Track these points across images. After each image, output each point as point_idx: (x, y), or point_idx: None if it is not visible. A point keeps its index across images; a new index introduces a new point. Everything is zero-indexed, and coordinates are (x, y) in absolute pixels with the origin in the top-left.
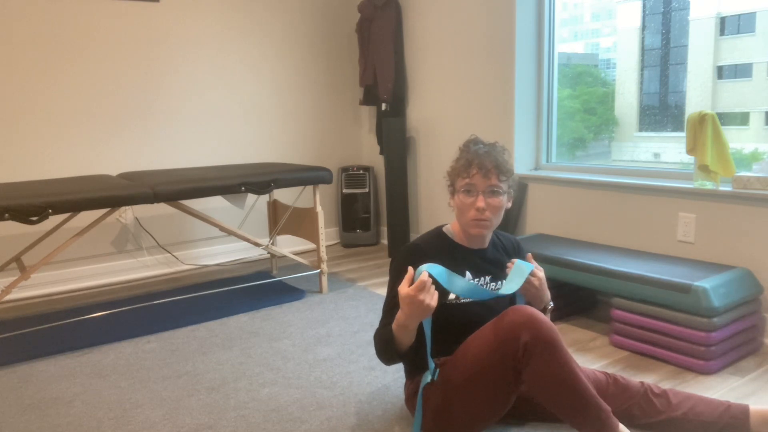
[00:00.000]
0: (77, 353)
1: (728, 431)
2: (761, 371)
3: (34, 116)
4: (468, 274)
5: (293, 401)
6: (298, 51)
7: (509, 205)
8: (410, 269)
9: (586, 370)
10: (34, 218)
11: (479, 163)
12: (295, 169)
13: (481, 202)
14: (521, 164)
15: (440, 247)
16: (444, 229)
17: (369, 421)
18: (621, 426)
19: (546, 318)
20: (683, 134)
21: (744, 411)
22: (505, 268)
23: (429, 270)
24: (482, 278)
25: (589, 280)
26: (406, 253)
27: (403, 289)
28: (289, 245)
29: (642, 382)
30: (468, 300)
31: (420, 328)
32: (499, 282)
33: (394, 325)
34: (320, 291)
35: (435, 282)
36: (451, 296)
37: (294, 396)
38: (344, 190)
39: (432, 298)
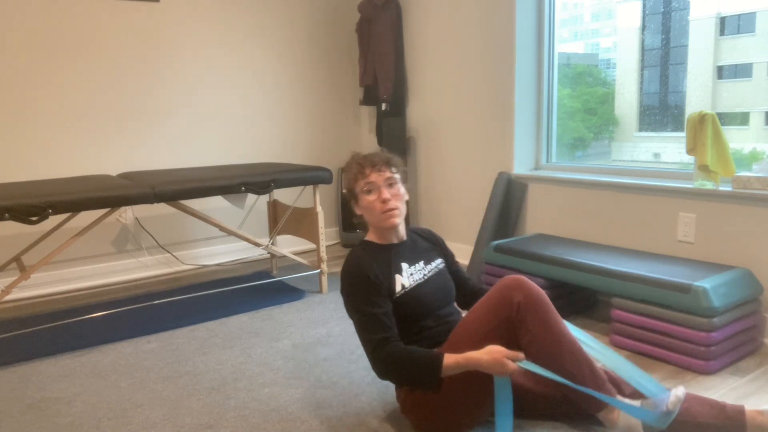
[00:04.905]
0: (77, 353)
1: None
2: (761, 371)
3: (34, 116)
4: (404, 265)
5: (293, 401)
6: (298, 51)
7: (407, 196)
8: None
9: None
10: (34, 218)
11: (370, 162)
12: (295, 169)
13: (384, 194)
14: (521, 164)
15: (374, 257)
16: (366, 240)
17: (369, 421)
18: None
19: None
20: (683, 134)
21: (740, 412)
22: (431, 250)
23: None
24: (417, 264)
25: (589, 280)
26: (357, 273)
27: (511, 364)
28: (289, 245)
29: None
30: (415, 284)
31: None
32: (433, 263)
33: (459, 358)
34: (320, 291)
35: (387, 272)
36: (398, 288)
37: (294, 396)
38: (344, 190)
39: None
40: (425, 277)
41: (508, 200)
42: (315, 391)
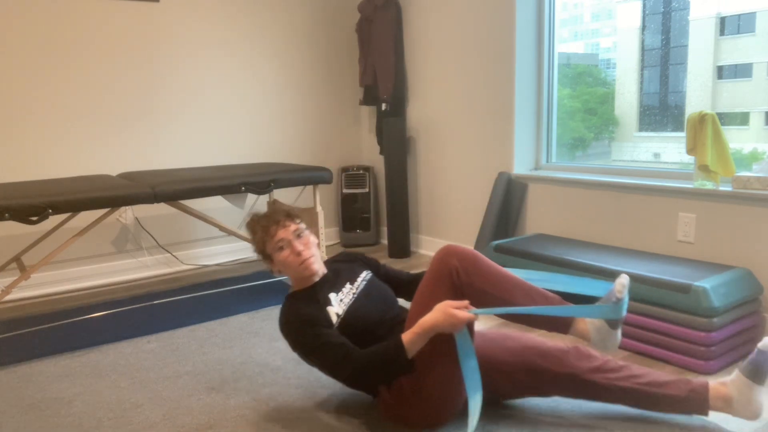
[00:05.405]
0: (77, 353)
1: (689, 404)
2: None
3: (34, 116)
4: (331, 295)
5: (293, 401)
6: (298, 51)
7: (317, 239)
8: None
9: (546, 342)
10: (34, 218)
11: (273, 221)
12: (295, 169)
13: (297, 247)
14: (521, 164)
15: (302, 302)
16: (291, 294)
17: (369, 421)
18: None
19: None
20: (683, 134)
21: (704, 385)
22: (352, 269)
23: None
24: (344, 288)
25: None
26: (294, 320)
27: (461, 312)
28: None
29: (605, 356)
30: (347, 306)
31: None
32: (358, 279)
33: (415, 329)
34: None
35: (319, 309)
36: (334, 318)
37: (294, 396)
38: (344, 190)
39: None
40: (355, 295)
41: (508, 200)
42: (315, 391)
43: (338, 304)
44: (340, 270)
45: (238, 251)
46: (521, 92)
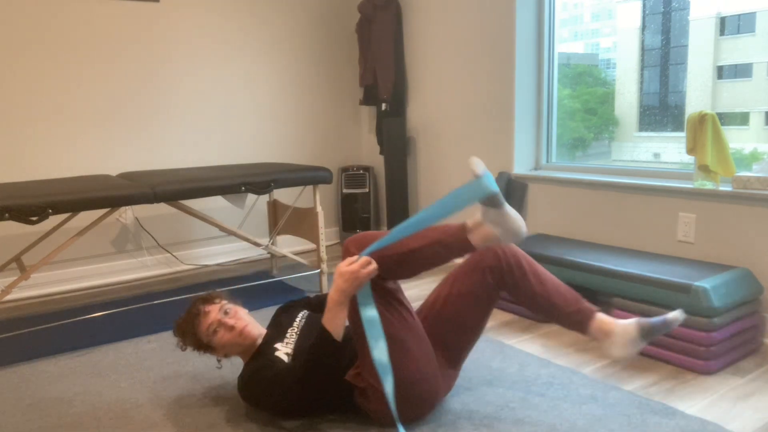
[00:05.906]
0: (77, 353)
1: (572, 320)
2: (761, 371)
3: (34, 116)
4: (276, 345)
5: None
6: (298, 51)
7: (245, 309)
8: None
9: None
10: (34, 218)
11: (194, 314)
12: (295, 169)
13: (228, 322)
14: (521, 164)
15: (259, 359)
16: (245, 366)
17: (369, 421)
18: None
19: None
20: (683, 134)
21: (591, 310)
22: (289, 316)
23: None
24: (285, 335)
25: (589, 280)
26: (253, 372)
27: (350, 266)
28: (289, 245)
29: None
30: (294, 344)
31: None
32: (295, 321)
33: (328, 305)
34: (320, 291)
35: (271, 359)
36: (286, 355)
37: None
38: (344, 190)
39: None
40: (298, 334)
41: (508, 200)
42: None
43: (284, 346)
44: (280, 322)
45: (238, 251)
46: (521, 92)
